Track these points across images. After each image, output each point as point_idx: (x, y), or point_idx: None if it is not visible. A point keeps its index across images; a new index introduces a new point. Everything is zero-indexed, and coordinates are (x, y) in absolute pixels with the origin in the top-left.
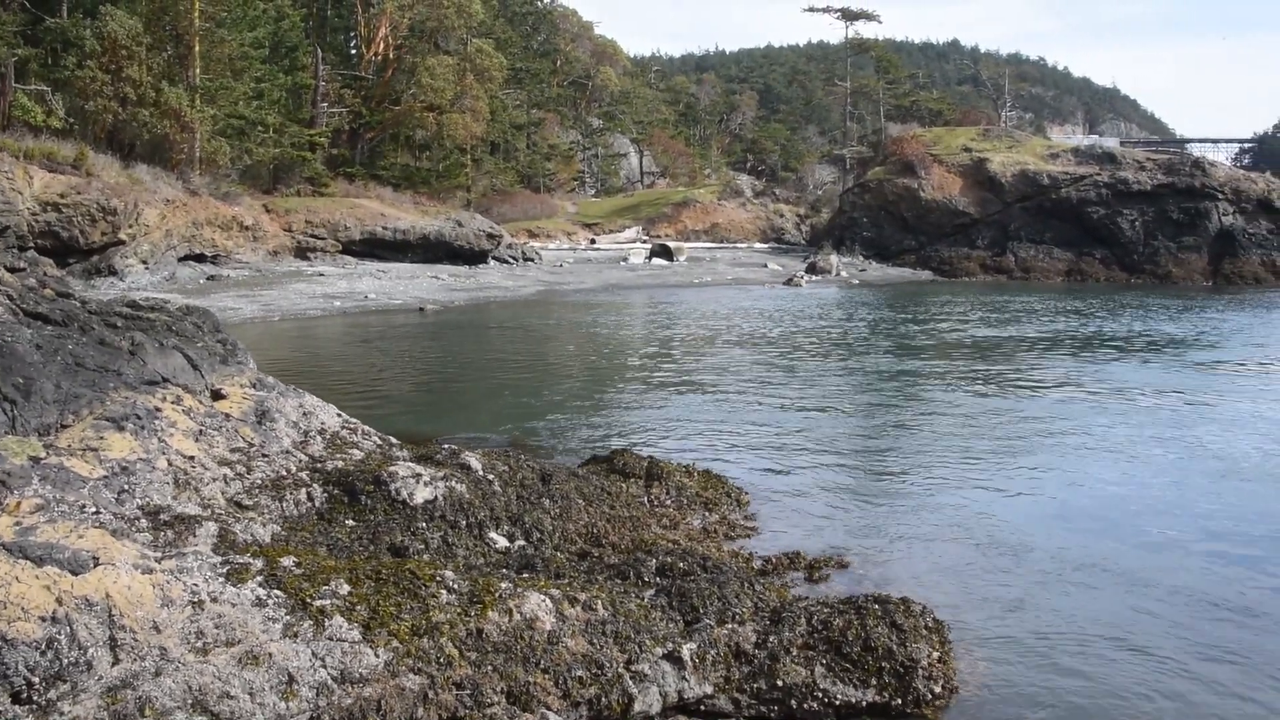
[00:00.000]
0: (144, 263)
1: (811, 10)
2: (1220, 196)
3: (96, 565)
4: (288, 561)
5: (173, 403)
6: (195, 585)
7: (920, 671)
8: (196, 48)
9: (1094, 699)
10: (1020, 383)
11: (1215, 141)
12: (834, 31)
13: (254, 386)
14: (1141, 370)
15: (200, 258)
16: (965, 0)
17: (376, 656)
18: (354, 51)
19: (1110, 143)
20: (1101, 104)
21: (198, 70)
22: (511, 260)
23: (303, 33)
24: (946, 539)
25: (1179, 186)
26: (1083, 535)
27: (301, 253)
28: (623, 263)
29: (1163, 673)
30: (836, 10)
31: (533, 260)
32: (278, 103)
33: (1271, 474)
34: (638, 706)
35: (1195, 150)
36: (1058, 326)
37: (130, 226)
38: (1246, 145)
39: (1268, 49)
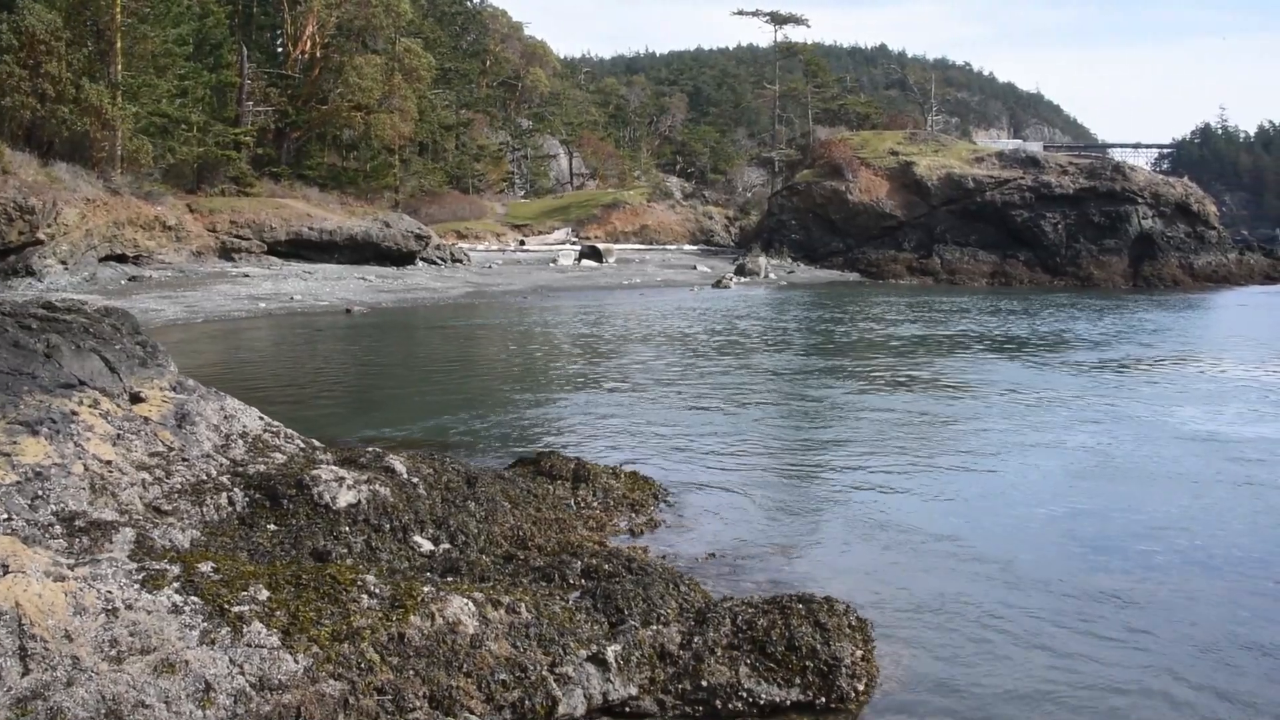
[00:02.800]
0: (63, 263)
1: (741, 14)
2: (1140, 200)
3: (6, 573)
4: (206, 567)
5: (89, 406)
6: (109, 592)
7: (844, 670)
8: (118, 44)
9: (1014, 691)
10: (938, 383)
11: (1136, 147)
12: (763, 35)
13: (174, 389)
14: (1052, 371)
15: (122, 258)
16: (893, 5)
17: (296, 662)
18: (280, 50)
19: (1034, 147)
20: (1026, 109)
21: (120, 67)
22: (440, 261)
23: (228, 30)
24: (870, 537)
25: (1100, 190)
26: (998, 533)
27: (226, 253)
28: (552, 264)
29: (1075, 665)
30: (765, 14)
31: (461, 262)
32: (202, 101)
33: (1173, 474)
34: (562, 709)
35: (1116, 155)
36: (979, 328)
37: (49, 226)
38: (1166, 150)
39: (1186, 57)
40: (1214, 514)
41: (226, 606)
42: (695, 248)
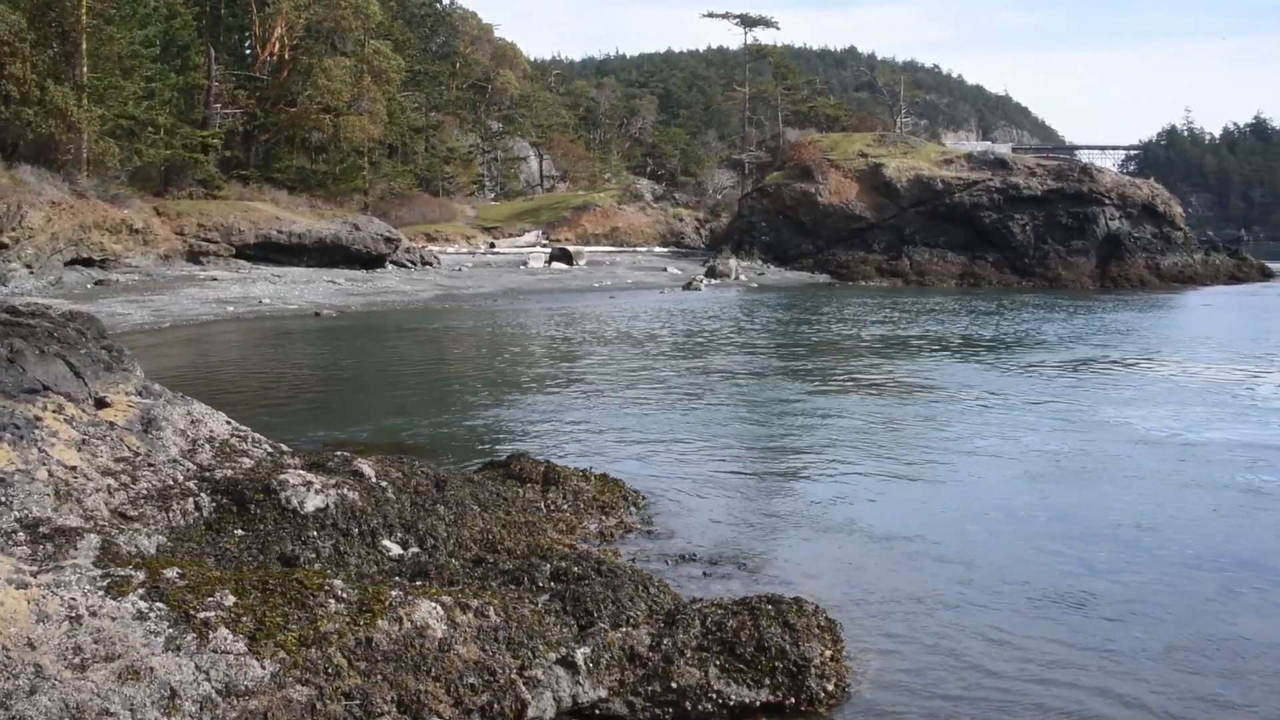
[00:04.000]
0: (28, 267)
1: (711, 16)
2: (1107, 201)
3: None
4: (171, 573)
5: (54, 412)
6: (73, 599)
7: (813, 670)
8: (84, 45)
9: (981, 689)
10: (906, 386)
11: (1103, 148)
12: (733, 37)
13: (140, 394)
14: (1017, 373)
15: (88, 262)
16: (862, 8)
17: (262, 668)
18: (249, 52)
19: (1002, 149)
20: (994, 111)
21: (85, 68)
22: (410, 264)
23: (195, 31)
24: (838, 539)
25: (1068, 192)
26: (963, 533)
27: (194, 257)
28: (522, 267)
29: (1038, 663)
30: (736, 16)
31: (431, 264)
32: (169, 103)
33: (1132, 475)
34: (531, 712)
35: (1084, 157)
36: (947, 330)
37: (13, 230)
38: (1132, 152)
39: (1153, 60)
40: (1172, 514)
41: (192, 612)
42: (666, 250)
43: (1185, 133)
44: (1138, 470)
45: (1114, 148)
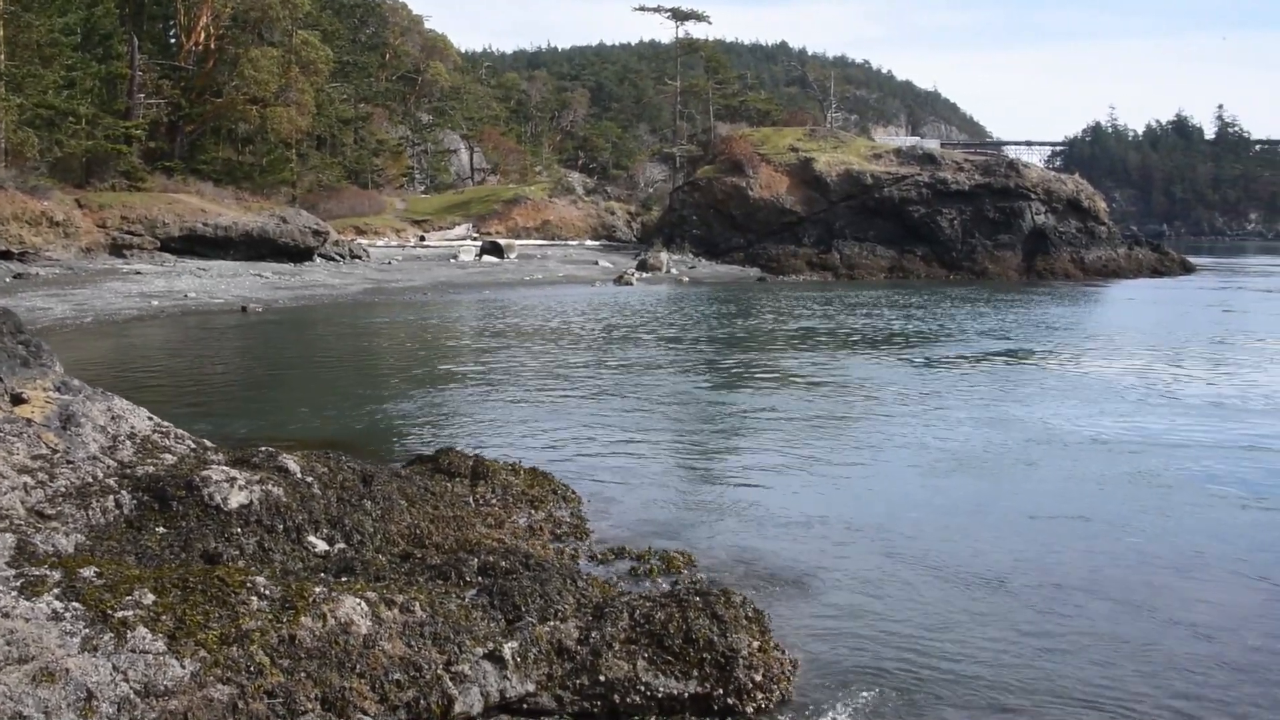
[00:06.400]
0: None
1: (643, 9)
2: (1033, 197)
3: None
4: (88, 572)
5: None
6: None
7: (741, 661)
8: (1, 32)
9: (912, 676)
10: (830, 381)
11: (1030, 144)
12: (665, 31)
13: (59, 390)
14: (937, 367)
15: (6, 255)
16: (793, 4)
17: (183, 667)
18: (173, 41)
19: (931, 144)
20: (923, 107)
21: (2, 57)
22: (338, 258)
23: (118, 20)
24: (764, 529)
25: (995, 187)
26: (889, 522)
27: (117, 250)
28: (453, 260)
29: (970, 645)
30: (667, 10)
31: (360, 258)
32: (91, 93)
33: (1048, 464)
34: (458, 708)
35: (1011, 152)
36: (874, 324)
37: None
38: (1058, 148)
39: (1078, 58)
40: (1087, 501)
41: (110, 612)
42: (597, 243)
43: (1110, 130)
44: (1055, 461)
45: (1040, 144)
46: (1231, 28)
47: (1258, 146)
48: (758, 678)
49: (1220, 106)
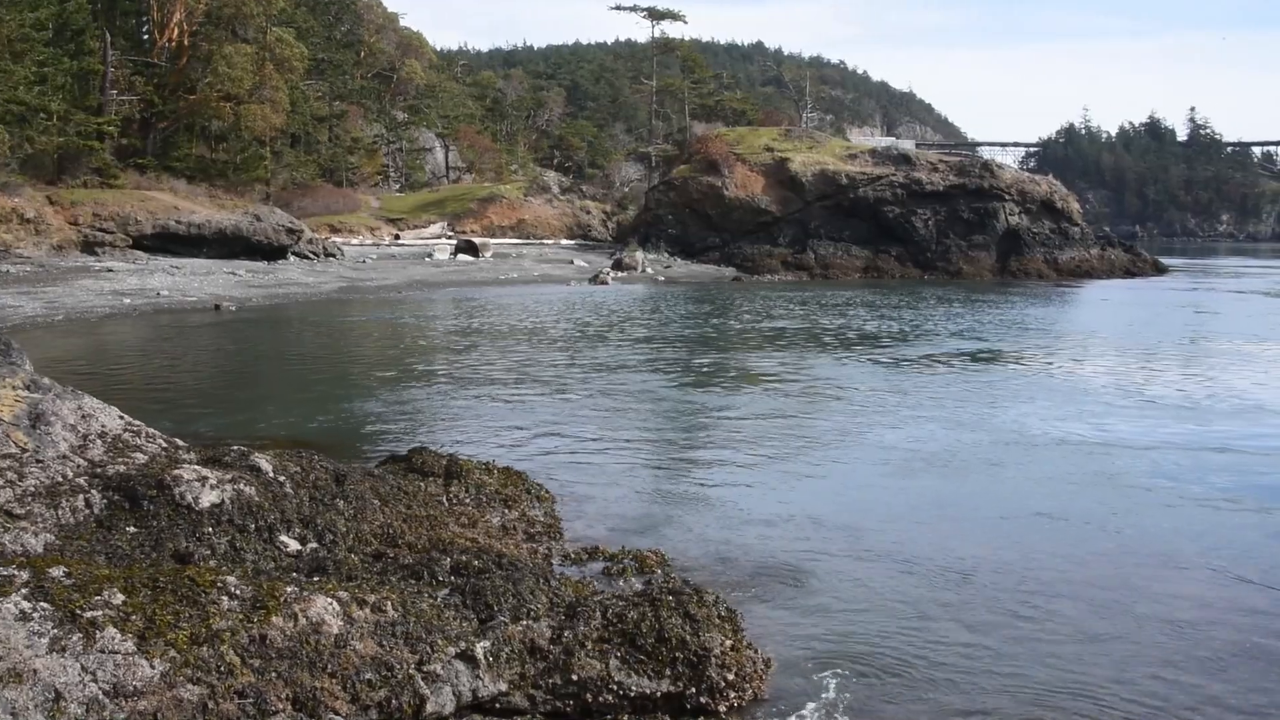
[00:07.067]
0: None
1: (619, 9)
2: (1007, 197)
3: None
4: (57, 572)
5: None
6: None
7: (713, 660)
8: None
9: (884, 673)
10: (807, 380)
11: (1004, 145)
12: (641, 30)
13: (29, 388)
14: (909, 367)
15: None
16: (770, 4)
17: (152, 668)
18: (146, 37)
19: (906, 144)
20: (899, 107)
21: None
22: (312, 256)
23: (90, 15)
24: (738, 528)
25: (969, 187)
26: (867, 520)
27: (89, 247)
28: (428, 259)
29: (942, 643)
30: (643, 9)
31: (335, 256)
32: (62, 89)
33: (1015, 463)
34: (430, 707)
35: (985, 153)
36: (849, 324)
37: None
38: (1032, 149)
39: (1053, 59)
40: (1058, 501)
41: (79, 612)
42: (573, 242)
43: (1083, 131)
44: (1024, 461)
45: (1015, 145)
46: (1203, 29)
47: (1229, 149)
48: (730, 676)
49: (1193, 109)
